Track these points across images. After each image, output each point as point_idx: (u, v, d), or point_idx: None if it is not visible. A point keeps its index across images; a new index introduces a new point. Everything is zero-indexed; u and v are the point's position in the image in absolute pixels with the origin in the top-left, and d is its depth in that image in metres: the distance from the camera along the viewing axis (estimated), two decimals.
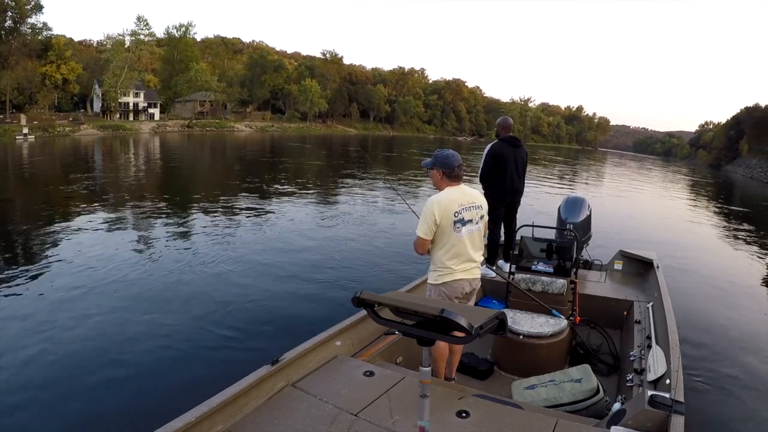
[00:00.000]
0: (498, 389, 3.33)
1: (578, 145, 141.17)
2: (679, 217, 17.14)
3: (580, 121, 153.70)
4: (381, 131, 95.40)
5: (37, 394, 3.81)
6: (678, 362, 2.72)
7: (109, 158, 28.30)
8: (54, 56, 56.72)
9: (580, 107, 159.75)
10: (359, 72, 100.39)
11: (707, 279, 8.43)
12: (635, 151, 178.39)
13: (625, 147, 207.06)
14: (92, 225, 9.71)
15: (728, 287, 8.15)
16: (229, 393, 2.33)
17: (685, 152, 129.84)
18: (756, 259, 11.05)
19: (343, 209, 12.89)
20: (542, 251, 4.46)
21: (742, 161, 63.69)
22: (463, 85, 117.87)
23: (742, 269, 9.86)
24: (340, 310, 4.01)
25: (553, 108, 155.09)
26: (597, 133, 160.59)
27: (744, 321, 6.36)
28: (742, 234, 14.62)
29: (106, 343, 4.68)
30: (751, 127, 62.84)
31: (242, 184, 17.78)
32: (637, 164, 64.28)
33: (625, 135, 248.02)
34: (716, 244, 12.64)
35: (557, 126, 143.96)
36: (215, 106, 71.74)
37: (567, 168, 39.41)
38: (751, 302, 7.44)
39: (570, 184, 25.24)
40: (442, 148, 3.18)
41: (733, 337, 5.71)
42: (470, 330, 1.45)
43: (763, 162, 53.90)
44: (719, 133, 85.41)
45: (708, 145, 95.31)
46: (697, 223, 16.04)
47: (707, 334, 5.65)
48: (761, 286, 8.66)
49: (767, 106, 63.42)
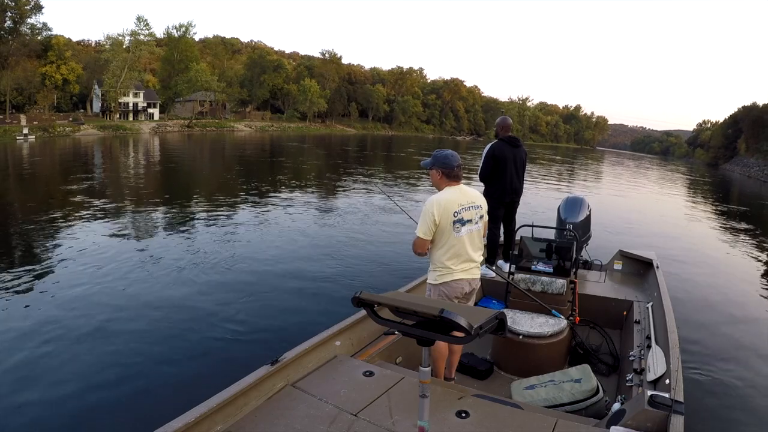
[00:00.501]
0: (497, 389, 3.33)
1: (576, 144, 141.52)
2: (678, 217, 17.15)
3: (578, 120, 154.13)
4: (380, 131, 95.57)
5: (36, 393, 3.81)
6: (678, 362, 2.72)
7: (111, 158, 28.30)
8: (54, 56, 56.72)
9: (578, 106, 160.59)
10: (358, 72, 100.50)
11: (707, 279, 8.42)
12: (633, 150, 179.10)
13: (623, 146, 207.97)
14: (94, 225, 9.71)
15: (728, 287, 8.15)
16: (229, 393, 2.33)
17: (682, 151, 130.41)
18: (755, 258, 11.06)
19: (342, 209, 12.89)
20: (542, 251, 4.46)
21: (740, 160, 63.95)
22: (462, 85, 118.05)
23: (741, 269, 9.86)
24: (340, 310, 4.02)
25: (551, 107, 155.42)
26: (595, 132, 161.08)
27: (744, 321, 6.36)
28: (741, 233, 14.62)
29: (106, 343, 4.68)
30: (749, 126, 63.25)
31: (243, 184, 17.78)
32: (635, 163, 64.47)
33: (622, 134, 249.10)
34: (716, 243, 12.64)
35: (555, 125, 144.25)
36: (215, 106, 71.81)
37: (565, 167, 39.42)
38: (751, 302, 7.44)
39: (568, 184, 25.23)
40: (442, 148, 3.17)
41: (732, 336, 5.71)
42: (470, 330, 1.45)
43: (760, 161, 54.21)
44: (717, 132, 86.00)
45: (706, 144, 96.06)
46: (696, 222, 16.06)
47: (707, 334, 5.65)
48: (761, 286, 8.66)
49: (765, 105, 63.93)
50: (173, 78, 66.14)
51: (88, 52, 67.76)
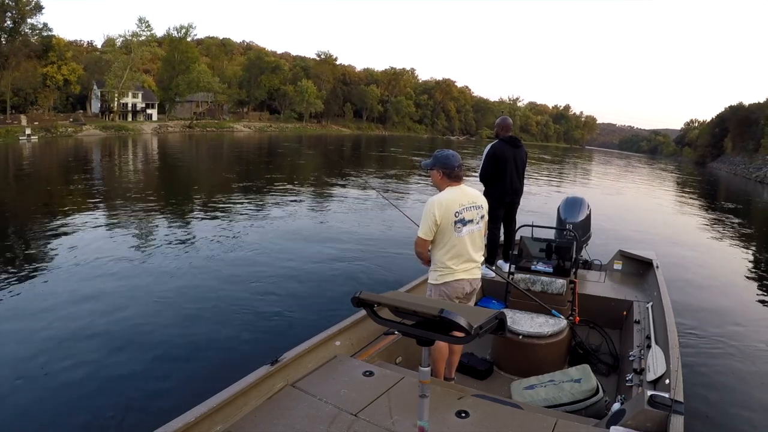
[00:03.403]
0: (497, 389, 3.33)
1: (566, 144, 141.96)
2: (673, 215, 17.27)
3: (568, 120, 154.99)
4: (374, 131, 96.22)
5: (36, 393, 3.81)
6: (677, 362, 2.72)
7: (116, 159, 28.37)
8: (55, 57, 56.72)
9: (568, 106, 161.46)
10: (352, 72, 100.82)
11: (707, 278, 8.42)
12: (621, 148, 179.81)
13: (612, 145, 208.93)
14: (98, 224, 9.73)
15: (728, 286, 8.14)
16: (229, 393, 2.33)
17: (670, 150, 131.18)
18: (755, 257, 11.05)
19: (342, 209, 12.89)
20: (542, 251, 4.46)
21: (726, 158, 65.07)
22: (453, 85, 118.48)
23: (741, 268, 9.84)
24: (340, 310, 4.02)
25: (541, 107, 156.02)
26: (584, 131, 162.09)
27: (744, 320, 6.35)
28: (738, 230, 14.71)
29: (105, 343, 4.68)
30: (735, 126, 64.56)
31: (243, 184, 17.79)
32: (624, 162, 65.25)
33: (611, 133, 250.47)
34: (712, 242, 12.63)
35: (545, 125, 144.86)
36: (212, 107, 72.04)
37: (557, 167, 39.43)
38: (751, 301, 7.44)
39: (558, 183, 25.14)
40: (442, 149, 3.18)
41: (733, 336, 5.70)
42: (470, 330, 1.45)
43: (746, 159, 55.26)
44: (704, 131, 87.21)
45: (693, 143, 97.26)
46: (691, 220, 16.16)
47: (707, 334, 5.64)
48: (761, 285, 8.65)
49: (751, 105, 65.13)
50: (174, 79, 66.21)
51: (80, 52, 67.86)
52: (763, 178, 41.20)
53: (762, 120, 55.00)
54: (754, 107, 62.66)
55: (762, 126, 53.98)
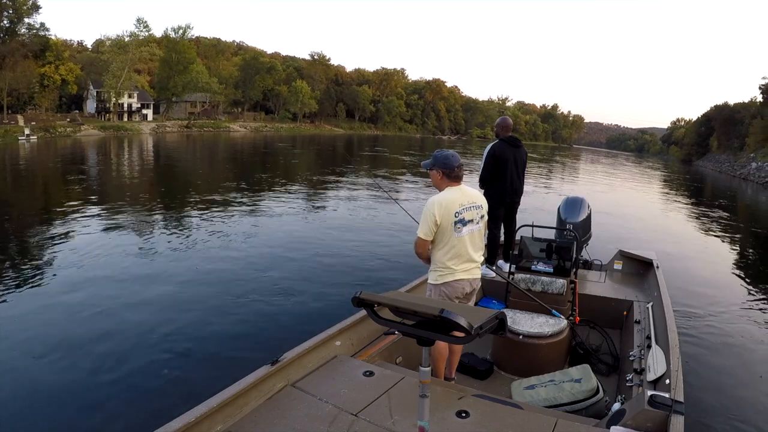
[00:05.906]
0: (498, 389, 3.33)
1: (554, 143, 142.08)
2: (665, 213, 17.39)
3: (556, 119, 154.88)
4: (366, 131, 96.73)
5: (36, 393, 3.80)
6: (678, 362, 2.72)
7: (118, 158, 28.36)
8: (52, 57, 56.60)
9: (556, 105, 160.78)
10: (343, 73, 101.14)
11: (706, 278, 8.41)
12: (609, 147, 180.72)
13: (599, 144, 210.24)
14: (99, 225, 9.72)
15: (728, 286, 8.15)
16: (229, 393, 2.33)
17: (657, 148, 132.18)
18: (753, 256, 11.06)
19: (342, 209, 12.88)
20: (542, 251, 4.46)
21: (712, 156, 66.29)
22: (443, 85, 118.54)
23: (740, 267, 9.86)
24: (340, 310, 4.01)
25: (530, 107, 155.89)
26: (572, 130, 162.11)
27: (744, 320, 6.36)
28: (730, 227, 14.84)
29: (105, 343, 4.67)
30: (720, 124, 65.84)
31: (242, 183, 17.75)
32: (611, 160, 65.94)
33: (598, 132, 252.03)
34: (709, 240, 12.63)
35: (534, 124, 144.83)
36: (208, 107, 72.20)
37: (545, 166, 39.49)
38: (751, 301, 7.43)
39: (547, 181, 25.12)
40: (441, 149, 3.18)
41: (733, 336, 5.70)
42: (470, 330, 1.45)
43: (730, 157, 56.39)
44: (690, 130, 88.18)
45: (680, 142, 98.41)
46: (683, 218, 16.35)
47: (707, 333, 5.64)
48: (761, 285, 8.66)
49: (736, 104, 66.39)
50: (171, 79, 66.17)
51: (71, 52, 67.78)
52: (747, 175, 42.05)
53: (746, 119, 56.06)
54: (739, 107, 63.89)
55: (746, 125, 55.01)
